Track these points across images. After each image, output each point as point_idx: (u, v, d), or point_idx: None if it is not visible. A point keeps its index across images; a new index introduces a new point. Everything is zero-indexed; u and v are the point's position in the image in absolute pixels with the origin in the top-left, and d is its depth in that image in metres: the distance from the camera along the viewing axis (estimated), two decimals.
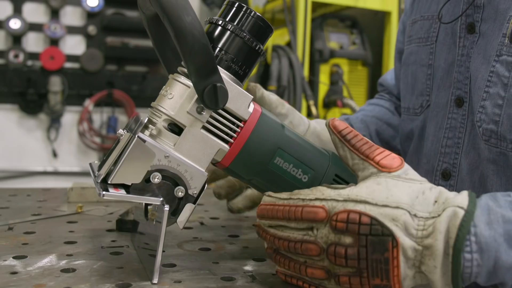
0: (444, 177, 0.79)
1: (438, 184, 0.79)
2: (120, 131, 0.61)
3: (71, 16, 3.17)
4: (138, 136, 0.56)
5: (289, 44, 2.53)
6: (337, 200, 0.53)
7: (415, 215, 0.51)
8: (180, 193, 0.59)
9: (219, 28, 0.61)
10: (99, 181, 0.57)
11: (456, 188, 0.78)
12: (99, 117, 3.24)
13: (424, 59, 0.85)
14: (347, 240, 0.51)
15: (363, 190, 0.53)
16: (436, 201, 0.52)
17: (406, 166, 0.56)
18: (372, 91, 2.81)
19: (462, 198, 0.52)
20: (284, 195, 0.58)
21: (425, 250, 0.50)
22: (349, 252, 0.51)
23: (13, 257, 0.64)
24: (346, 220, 0.51)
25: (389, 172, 0.54)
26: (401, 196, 0.52)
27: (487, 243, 0.49)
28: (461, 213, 0.50)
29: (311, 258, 0.54)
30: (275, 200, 0.58)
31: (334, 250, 0.52)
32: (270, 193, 0.60)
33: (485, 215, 0.50)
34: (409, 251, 0.50)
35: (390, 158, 0.55)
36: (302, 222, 0.54)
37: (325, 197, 0.54)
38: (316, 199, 0.54)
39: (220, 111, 0.60)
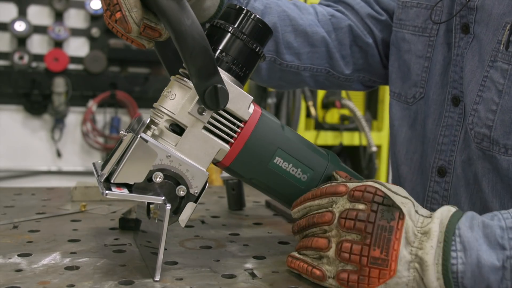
0: (440, 173, 0.80)
1: (434, 181, 0.80)
2: (123, 131, 0.62)
3: (74, 18, 3.18)
4: (140, 136, 0.58)
5: None
6: (357, 182, 0.61)
7: (416, 212, 0.57)
8: (181, 192, 0.60)
9: (220, 30, 0.62)
10: (102, 180, 0.58)
11: (451, 184, 0.78)
12: (102, 117, 3.25)
13: (421, 50, 0.83)
14: (361, 206, 0.57)
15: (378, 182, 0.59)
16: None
17: None
18: (371, 92, 2.81)
19: (444, 208, 0.58)
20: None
21: (423, 236, 0.55)
22: (360, 214, 0.56)
23: (18, 255, 0.65)
24: (363, 190, 0.58)
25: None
26: (405, 193, 0.59)
27: (469, 242, 0.54)
28: (453, 209, 0.57)
29: (323, 229, 0.59)
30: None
31: (346, 214, 0.57)
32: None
33: (468, 220, 0.56)
34: (410, 233, 0.55)
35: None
36: (324, 197, 0.61)
37: (347, 182, 0.61)
38: (340, 183, 0.61)
39: (221, 112, 0.61)
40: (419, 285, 0.55)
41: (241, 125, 0.62)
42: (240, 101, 0.61)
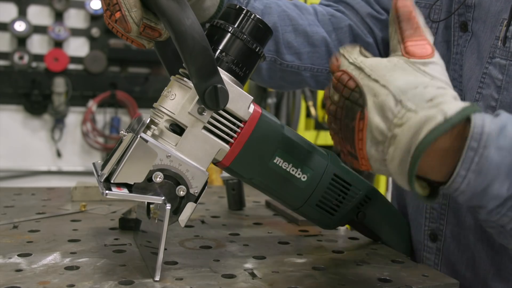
0: None
1: None
2: (123, 131, 0.62)
3: (75, 18, 3.19)
4: (140, 136, 0.58)
5: None
6: (353, 65, 0.53)
7: (400, 101, 0.48)
8: (181, 192, 0.60)
9: (220, 30, 0.62)
10: (102, 180, 0.58)
11: None
12: (102, 117, 3.25)
13: None
14: (335, 97, 0.54)
15: (373, 61, 0.53)
16: (431, 99, 0.48)
17: (435, 59, 0.52)
18: None
19: (455, 106, 0.47)
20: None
21: (392, 139, 0.49)
22: (331, 108, 0.55)
23: (18, 255, 0.65)
24: (338, 78, 0.54)
25: (409, 58, 0.52)
26: (398, 79, 0.49)
27: (488, 169, 0.47)
28: (439, 119, 0.47)
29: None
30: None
31: (329, 104, 0.56)
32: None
33: (501, 139, 0.47)
34: (376, 132, 0.49)
35: (420, 46, 0.52)
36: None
37: (353, 61, 0.54)
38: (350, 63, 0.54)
39: (221, 112, 0.61)
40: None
41: (241, 125, 0.62)
42: (240, 101, 0.61)
